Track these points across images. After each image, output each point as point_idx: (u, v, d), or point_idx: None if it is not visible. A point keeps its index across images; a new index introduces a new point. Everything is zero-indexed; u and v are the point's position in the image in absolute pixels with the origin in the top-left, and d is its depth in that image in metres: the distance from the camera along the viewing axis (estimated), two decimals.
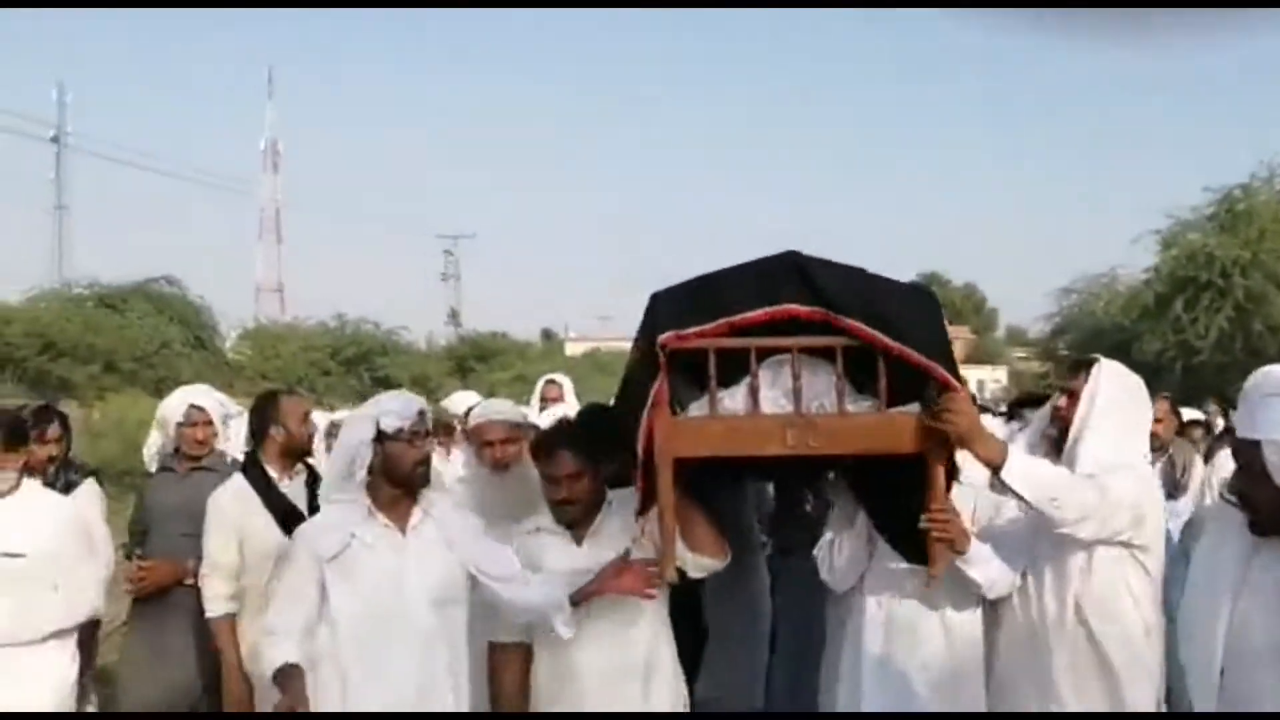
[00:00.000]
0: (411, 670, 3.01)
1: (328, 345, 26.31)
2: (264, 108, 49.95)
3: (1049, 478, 3.02)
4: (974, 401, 3.29)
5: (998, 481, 3.02)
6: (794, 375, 2.90)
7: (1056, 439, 3.26)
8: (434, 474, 3.26)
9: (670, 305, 2.95)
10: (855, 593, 3.35)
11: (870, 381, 2.95)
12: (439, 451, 5.35)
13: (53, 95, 40.35)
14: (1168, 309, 22.07)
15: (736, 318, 2.88)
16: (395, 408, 3.13)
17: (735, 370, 2.95)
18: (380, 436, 3.07)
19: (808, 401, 2.92)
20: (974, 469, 3.13)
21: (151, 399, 13.47)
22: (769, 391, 2.93)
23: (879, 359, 2.90)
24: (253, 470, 3.96)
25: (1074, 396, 3.23)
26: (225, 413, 4.46)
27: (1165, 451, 5.63)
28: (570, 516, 3.16)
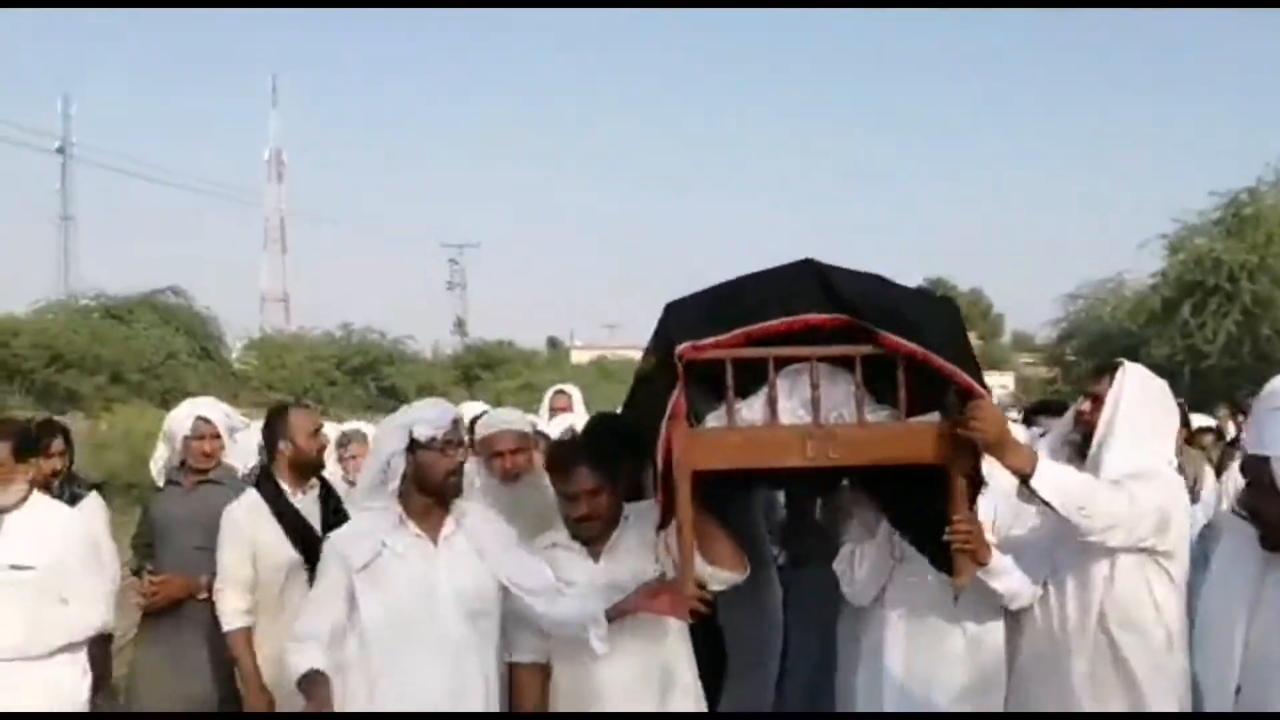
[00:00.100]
0: (442, 680, 2.97)
1: (333, 355, 26.29)
2: (268, 117, 50.08)
3: (1078, 486, 2.97)
4: None
5: (1026, 490, 2.97)
6: (812, 385, 2.85)
7: (1080, 444, 3.22)
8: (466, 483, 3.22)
9: (686, 315, 2.90)
10: (876, 605, 3.31)
11: (888, 391, 2.90)
12: None
13: (58, 107, 40.54)
14: (1175, 314, 22.02)
15: (754, 328, 2.82)
16: (429, 416, 3.08)
17: (751, 380, 2.90)
18: (413, 445, 3.03)
19: (826, 412, 2.87)
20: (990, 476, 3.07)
21: (158, 410, 13.49)
22: (787, 402, 2.88)
23: (898, 367, 2.84)
24: (265, 484, 3.96)
25: (1098, 401, 3.18)
26: (231, 425, 4.44)
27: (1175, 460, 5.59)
28: (589, 533, 3.10)
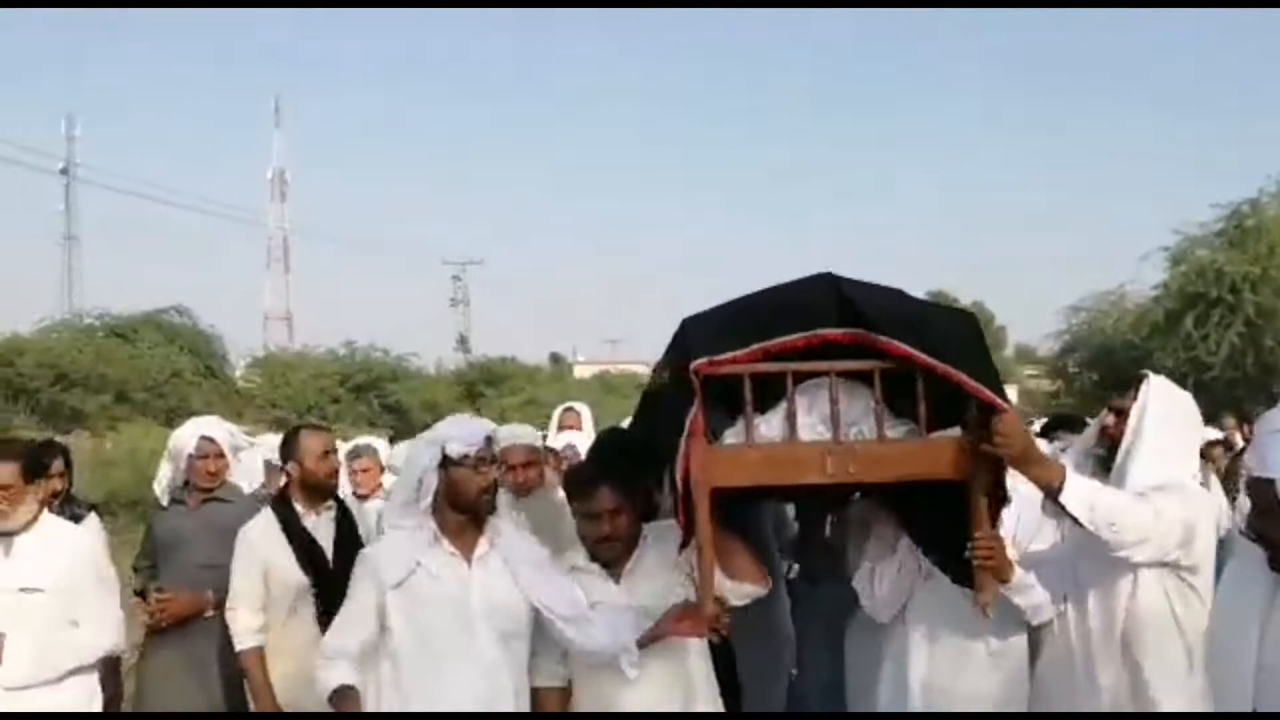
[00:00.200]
0: (475, 701, 2.94)
1: (337, 372, 26.25)
2: (271, 137, 50.12)
3: (1107, 501, 2.91)
4: None
5: (1054, 505, 2.92)
6: (832, 400, 2.83)
7: (1104, 458, 3.16)
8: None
9: (703, 330, 2.89)
10: (898, 621, 3.26)
11: (907, 406, 2.87)
12: None
13: (61, 128, 40.63)
14: (1178, 326, 21.98)
15: (772, 343, 2.80)
16: (461, 433, 3.05)
17: (768, 396, 2.88)
18: (445, 462, 3.00)
19: (845, 427, 2.84)
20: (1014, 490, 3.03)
21: (163, 429, 13.48)
22: (805, 418, 2.85)
23: (918, 382, 2.82)
24: (280, 505, 3.97)
25: (1123, 415, 3.13)
26: (235, 444, 4.44)
27: None
28: (610, 554, 3.07)
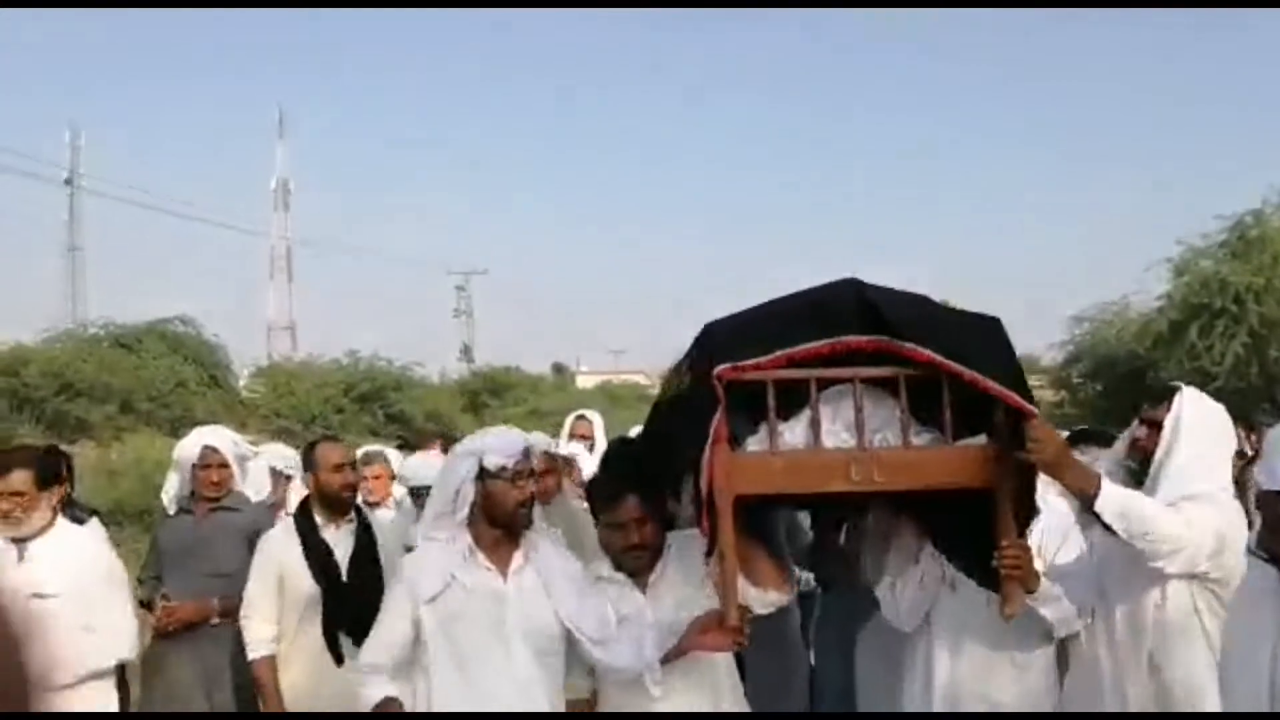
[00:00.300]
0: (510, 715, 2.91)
1: (341, 382, 26.17)
2: (275, 147, 50.14)
3: (1141, 509, 2.86)
4: None
5: (1087, 514, 2.88)
6: (857, 407, 2.80)
7: (1136, 471, 3.11)
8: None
9: (725, 336, 2.86)
10: (921, 632, 3.23)
11: (929, 414, 2.84)
12: None
13: (65, 138, 40.64)
14: (1182, 336, 21.94)
15: (796, 350, 2.77)
16: (499, 444, 2.99)
17: (790, 403, 2.85)
18: (482, 474, 2.95)
19: (869, 434, 2.81)
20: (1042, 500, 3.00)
21: (168, 439, 13.45)
22: (829, 425, 2.82)
23: (943, 389, 2.79)
24: (300, 516, 4.00)
25: (1155, 427, 3.08)
26: (240, 453, 4.44)
27: None
28: (638, 564, 3.05)
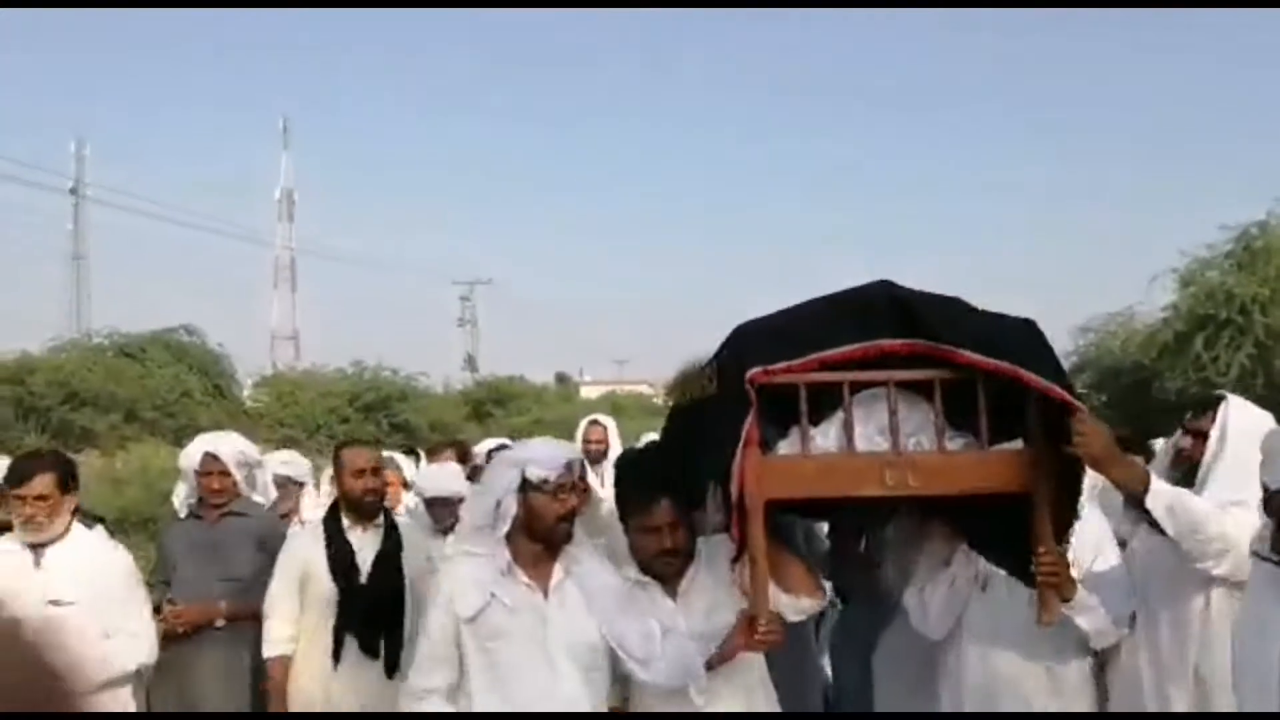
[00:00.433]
0: None
1: (345, 392, 26.15)
2: (279, 157, 50.25)
3: (1191, 507, 2.79)
4: None
5: (1135, 510, 2.81)
6: (891, 411, 2.76)
7: (1180, 481, 3.01)
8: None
9: (756, 339, 2.83)
10: (952, 640, 3.18)
11: (962, 419, 2.80)
12: None
13: (70, 147, 40.73)
14: (1187, 347, 21.86)
15: (829, 353, 2.74)
16: (542, 456, 2.89)
17: (821, 407, 2.82)
18: (524, 486, 2.86)
19: (903, 438, 2.78)
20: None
21: (172, 448, 13.44)
22: (862, 428, 2.78)
23: (979, 393, 2.75)
24: (328, 519, 4.03)
25: (1201, 437, 3.02)
26: (245, 460, 4.43)
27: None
28: (670, 569, 3.00)
